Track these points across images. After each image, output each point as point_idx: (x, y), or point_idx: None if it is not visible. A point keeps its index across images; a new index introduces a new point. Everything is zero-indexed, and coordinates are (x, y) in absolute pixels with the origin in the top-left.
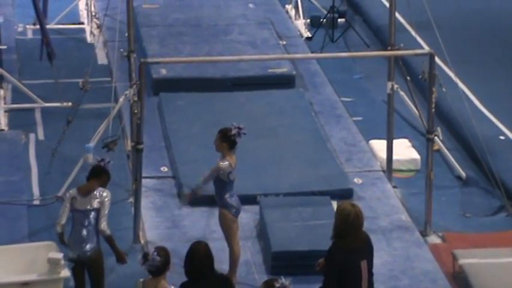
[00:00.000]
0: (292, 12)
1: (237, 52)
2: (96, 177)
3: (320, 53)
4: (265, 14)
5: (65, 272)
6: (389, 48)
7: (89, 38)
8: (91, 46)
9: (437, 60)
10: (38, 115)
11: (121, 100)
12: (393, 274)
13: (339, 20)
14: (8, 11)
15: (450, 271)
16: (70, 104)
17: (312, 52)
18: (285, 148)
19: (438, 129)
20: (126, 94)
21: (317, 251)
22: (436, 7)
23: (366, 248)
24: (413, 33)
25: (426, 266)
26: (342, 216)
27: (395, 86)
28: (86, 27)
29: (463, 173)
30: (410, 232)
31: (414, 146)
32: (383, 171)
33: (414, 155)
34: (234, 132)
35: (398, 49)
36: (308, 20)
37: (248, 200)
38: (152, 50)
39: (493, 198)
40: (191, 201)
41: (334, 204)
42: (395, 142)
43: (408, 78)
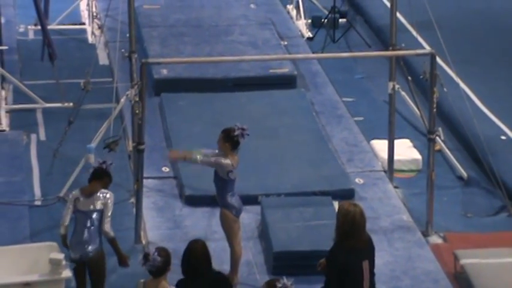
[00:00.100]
0: (293, 12)
1: (238, 52)
2: (98, 179)
3: (321, 53)
4: (266, 15)
5: (67, 273)
6: (390, 48)
7: (90, 39)
8: (92, 47)
9: (438, 60)
10: (40, 116)
11: (122, 100)
12: (395, 274)
13: (340, 20)
14: (10, 12)
15: (452, 271)
16: (71, 105)
17: (313, 52)
18: (287, 148)
19: (439, 129)
20: (127, 94)
21: (318, 251)
22: (437, 7)
23: (368, 249)
24: (414, 33)
25: (428, 266)
26: (345, 217)
27: (396, 86)
28: (87, 27)
29: (465, 173)
30: (411, 232)
31: (415, 146)
32: (384, 171)
33: (415, 155)
34: (238, 132)
35: (399, 49)
36: (309, 20)
37: (249, 200)
38: (153, 51)
39: (495, 198)
40: (171, 160)
41: (335, 204)
42: (396, 142)
43: (409, 78)
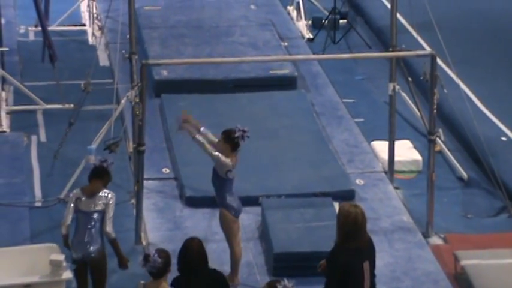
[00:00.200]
0: (293, 13)
1: (239, 53)
2: (98, 177)
3: (322, 54)
4: (266, 16)
5: (67, 274)
6: (390, 49)
7: (91, 40)
8: (93, 48)
9: (438, 61)
10: (40, 117)
11: (123, 102)
12: (395, 275)
13: (341, 21)
14: (10, 13)
15: (452, 272)
16: (72, 106)
17: (314, 53)
18: (287, 149)
19: (440, 130)
20: (127, 96)
21: (319, 253)
22: (438, 8)
23: (368, 249)
24: (414, 34)
25: (428, 267)
26: (346, 218)
27: (397, 87)
28: (88, 29)
29: (465, 174)
30: (412, 233)
31: (416, 147)
32: (385, 172)
33: (416, 156)
34: (238, 134)
35: (400, 50)
36: (310, 22)
37: (250, 201)
38: (154, 52)
39: (495, 199)
40: (179, 127)
41: (336, 205)
42: (397, 143)
43: (410, 79)
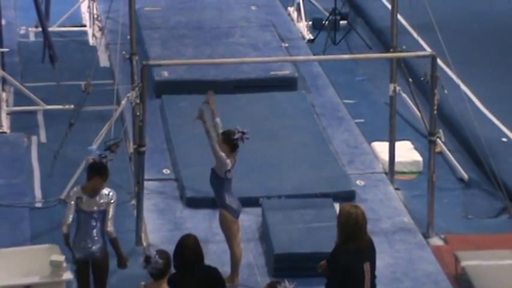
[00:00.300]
0: (294, 14)
1: (239, 54)
2: (98, 174)
3: (322, 55)
4: (267, 17)
5: (67, 275)
6: (391, 50)
7: (91, 41)
8: (93, 49)
9: (439, 62)
10: (40, 117)
11: (123, 102)
12: (395, 276)
13: (341, 22)
14: (10, 14)
15: (452, 273)
16: (72, 107)
17: (314, 54)
18: (287, 150)
19: (440, 131)
20: (128, 96)
21: (319, 253)
22: (438, 9)
23: (369, 250)
24: (415, 35)
25: (428, 268)
26: (347, 218)
27: (397, 88)
28: (88, 29)
29: (465, 175)
30: (412, 234)
31: (416, 148)
32: (385, 173)
33: (416, 157)
34: (237, 136)
35: (400, 51)
36: (310, 22)
37: (250, 202)
38: (154, 53)
39: (495, 200)
40: (199, 115)
41: (336, 206)
42: (397, 144)
43: (410, 80)
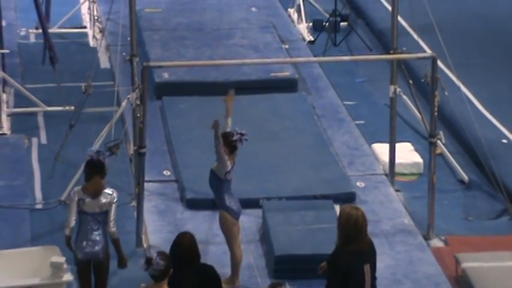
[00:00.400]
0: (294, 16)
1: (240, 56)
2: (98, 173)
3: (322, 57)
4: (267, 18)
5: (68, 276)
6: (391, 51)
7: (92, 42)
8: (93, 50)
9: (439, 63)
10: (41, 119)
11: (123, 104)
12: (396, 278)
13: (341, 24)
14: (11, 15)
15: (453, 275)
16: (73, 108)
17: (315, 56)
18: (288, 152)
19: (441, 132)
20: (128, 98)
21: (320, 255)
22: (438, 10)
23: (369, 252)
24: (415, 36)
25: (429, 270)
26: (347, 220)
27: (397, 90)
28: (89, 31)
29: (466, 177)
30: (413, 236)
31: (417, 150)
32: (385, 174)
33: (417, 159)
34: (236, 138)
35: (400, 53)
36: (310, 24)
37: (251, 204)
38: (155, 54)
39: (496, 201)
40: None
41: (336, 208)
42: (397, 146)
43: (411, 81)
